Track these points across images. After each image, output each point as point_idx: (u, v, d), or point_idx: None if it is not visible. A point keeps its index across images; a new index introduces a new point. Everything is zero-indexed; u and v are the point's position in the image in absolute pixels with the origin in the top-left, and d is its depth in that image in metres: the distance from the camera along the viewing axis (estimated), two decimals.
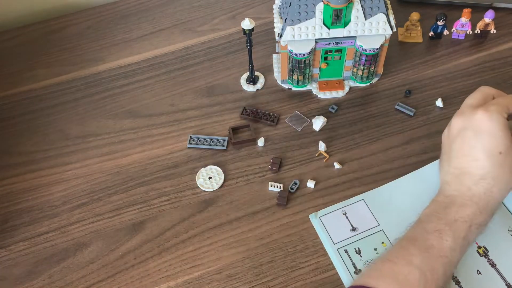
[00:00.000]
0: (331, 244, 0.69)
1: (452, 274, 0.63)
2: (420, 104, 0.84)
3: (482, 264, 0.66)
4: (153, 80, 0.90)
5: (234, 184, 0.77)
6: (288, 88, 0.87)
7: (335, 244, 0.69)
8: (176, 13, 1.00)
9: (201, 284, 0.68)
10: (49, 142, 0.83)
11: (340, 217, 0.72)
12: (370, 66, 0.83)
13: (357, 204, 0.73)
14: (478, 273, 0.66)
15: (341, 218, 0.71)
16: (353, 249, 0.69)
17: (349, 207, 0.72)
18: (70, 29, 0.99)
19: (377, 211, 0.72)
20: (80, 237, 0.73)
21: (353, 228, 0.70)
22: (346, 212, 0.72)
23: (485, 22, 0.89)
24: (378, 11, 0.76)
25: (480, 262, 0.66)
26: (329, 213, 0.72)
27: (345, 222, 0.71)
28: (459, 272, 0.66)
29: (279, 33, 0.78)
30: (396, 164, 0.77)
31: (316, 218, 0.72)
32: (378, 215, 0.71)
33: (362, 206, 0.72)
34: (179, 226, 0.73)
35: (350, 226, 0.71)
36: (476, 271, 0.66)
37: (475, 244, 0.67)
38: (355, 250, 0.69)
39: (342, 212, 0.72)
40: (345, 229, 0.70)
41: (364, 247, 0.69)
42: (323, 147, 0.79)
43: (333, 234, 0.70)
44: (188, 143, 0.80)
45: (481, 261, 0.66)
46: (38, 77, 0.91)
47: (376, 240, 0.69)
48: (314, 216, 0.72)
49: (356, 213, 0.72)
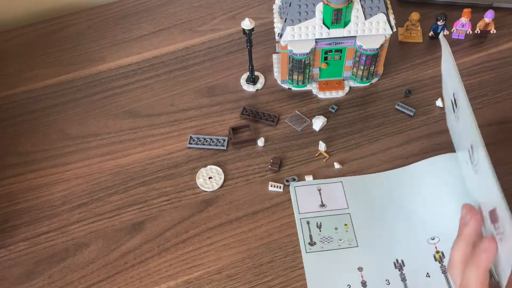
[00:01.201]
0: (297, 213, 0.73)
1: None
2: (420, 104, 0.84)
3: (434, 268, 0.67)
4: (153, 80, 0.90)
5: (234, 184, 0.77)
6: (288, 88, 0.87)
7: (300, 213, 0.73)
8: (176, 13, 1.00)
9: (201, 284, 0.68)
10: (49, 142, 0.83)
11: (313, 191, 0.75)
12: (370, 66, 0.83)
13: (334, 185, 0.75)
14: (427, 275, 0.67)
15: (314, 193, 0.75)
16: (315, 223, 0.72)
17: (326, 185, 0.75)
18: (70, 29, 0.99)
19: (351, 195, 0.74)
20: (80, 237, 0.73)
21: (322, 204, 0.73)
22: (321, 189, 0.75)
23: (485, 22, 0.89)
24: (378, 11, 0.76)
25: (433, 266, 0.68)
26: (304, 186, 0.75)
27: (316, 197, 0.74)
28: (409, 270, 0.67)
29: (279, 33, 0.78)
30: (396, 164, 0.77)
31: (293, 187, 0.75)
32: (350, 199, 0.74)
33: (338, 188, 0.75)
34: (179, 226, 0.73)
35: (320, 201, 0.74)
36: (426, 273, 0.67)
37: (434, 248, 0.69)
38: (317, 224, 0.72)
39: (317, 188, 0.75)
40: (315, 203, 0.74)
41: (326, 224, 0.72)
42: (323, 147, 0.79)
43: (302, 204, 0.74)
44: (188, 143, 0.80)
45: (434, 265, 0.68)
46: (38, 77, 0.91)
47: (340, 221, 0.72)
48: (291, 185, 0.75)
49: (330, 192, 0.74)
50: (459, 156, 0.68)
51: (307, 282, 0.67)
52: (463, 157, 0.65)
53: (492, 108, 0.83)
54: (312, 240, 0.70)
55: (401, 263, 0.68)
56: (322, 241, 0.70)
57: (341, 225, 0.72)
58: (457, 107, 0.64)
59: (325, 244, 0.70)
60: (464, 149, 0.63)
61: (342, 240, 0.70)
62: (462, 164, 0.66)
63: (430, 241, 0.69)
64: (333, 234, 0.71)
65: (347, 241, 0.70)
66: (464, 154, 0.64)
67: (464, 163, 0.65)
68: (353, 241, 0.70)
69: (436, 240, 0.69)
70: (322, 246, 0.70)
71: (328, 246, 0.70)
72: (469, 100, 0.84)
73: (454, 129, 0.70)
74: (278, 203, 0.75)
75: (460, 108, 0.63)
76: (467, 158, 0.62)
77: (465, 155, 0.63)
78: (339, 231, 0.71)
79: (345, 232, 0.71)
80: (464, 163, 0.65)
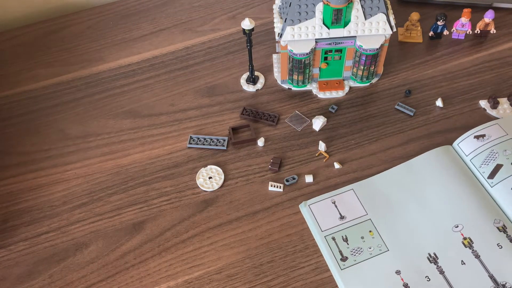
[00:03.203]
0: (319, 231, 0.71)
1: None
2: (420, 104, 0.84)
3: (466, 255, 0.67)
4: (153, 80, 0.90)
5: (234, 184, 0.77)
6: (288, 88, 0.87)
7: (322, 231, 0.71)
8: (176, 13, 1.00)
9: (201, 284, 0.68)
10: (49, 142, 0.83)
11: (329, 205, 0.73)
12: (370, 66, 0.83)
13: (346, 194, 0.74)
14: (462, 263, 0.67)
15: (330, 206, 0.73)
16: (340, 237, 0.70)
17: (338, 196, 0.74)
18: (70, 29, 0.99)
19: (366, 200, 0.73)
20: (80, 237, 0.73)
21: (341, 217, 0.72)
22: (335, 201, 0.73)
23: (485, 22, 0.89)
24: (378, 11, 0.76)
25: (464, 253, 0.67)
26: (318, 202, 0.74)
27: (333, 210, 0.73)
28: (443, 261, 0.67)
29: (279, 33, 0.78)
30: (396, 164, 0.77)
31: (305, 206, 0.73)
32: (366, 204, 0.73)
33: (351, 196, 0.74)
34: (179, 226, 0.73)
35: (338, 214, 0.72)
36: (461, 261, 0.67)
37: (460, 235, 0.69)
38: (342, 237, 0.70)
39: (331, 201, 0.73)
40: (334, 217, 0.72)
41: (351, 235, 0.70)
42: (323, 147, 0.79)
43: (321, 221, 0.72)
44: (188, 143, 0.80)
45: (466, 252, 0.67)
46: (38, 77, 0.92)
47: (363, 229, 0.71)
48: (303, 205, 0.73)
49: (345, 202, 0.73)
50: None
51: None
52: None
53: None
54: (343, 256, 0.68)
55: (434, 257, 0.67)
56: (353, 254, 0.68)
57: (366, 232, 0.70)
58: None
59: (357, 256, 0.68)
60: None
61: (372, 248, 0.69)
62: None
63: (455, 229, 0.69)
64: (361, 244, 0.69)
65: (376, 247, 0.69)
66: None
67: None
68: (383, 246, 0.69)
69: (460, 227, 0.69)
70: (354, 259, 0.68)
71: (360, 258, 0.68)
72: (469, 100, 0.85)
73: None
74: (278, 203, 0.75)
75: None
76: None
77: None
78: (366, 239, 0.70)
79: (372, 239, 0.70)
80: None
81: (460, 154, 0.76)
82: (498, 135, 0.76)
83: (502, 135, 0.76)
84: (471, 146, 0.76)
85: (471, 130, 0.77)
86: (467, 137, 0.76)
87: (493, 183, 0.72)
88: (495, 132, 0.76)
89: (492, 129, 0.77)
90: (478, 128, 0.77)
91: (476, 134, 0.76)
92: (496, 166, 0.73)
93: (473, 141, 0.76)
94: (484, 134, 0.76)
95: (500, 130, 0.76)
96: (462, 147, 0.76)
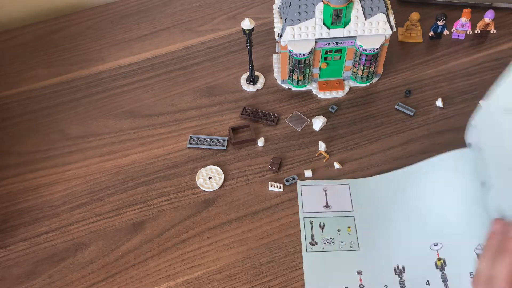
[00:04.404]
0: (301, 212, 0.73)
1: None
2: (420, 104, 0.84)
3: (434, 276, 0.66)
4: (153, 80, 0.90)
5: (234, 184, 0.77)
6: (288, 88, 0.87)
7: (304, 212, 0.73)
8: (176, 13, 1.00)
9: (201, 284, 0.68)
10: (49, 142, 0.83)
11: (319, 192, 0.75)
12: (370, 66, 0.83)
13: (340, 187, 0.75)
14: (427, 283, 0.66)
15: (320, 193, 0.74)
16: (318, 223, 0.72)
17: (332, 186, 0.75)
18: (70, 29, 0.99)
19: (357, 198, 0.74)
20: (80, 237, 0.73)
21: (327, 205, 0.73)
22: (327, 189, 0.75)
23: (485, 22, 0.89)
24: (378, 11, 0.76)
25: (433, 274, 0.66)
26: (311, 185, 0.75)
27: (322, 198, 0.74)
28: (409, 277, 0.66)
29: (279, 33, 0.78)
30: (396, 164, 0.77)
31: (299, 185, 0.75)
32: (356, 202, 0.73)
33: (344, 190, 0.75)
34: (179, 226, 0.73)
35: (325, 202, 0.73)
36: (426, 281, 0.66)
37: (436, 254, 0.68)
38: (320, 224, 0.71)
39: (324, 188, 0.75)
40: (320, 203, 0.74)
41: (328, 225, 0.71)
42: (323, 147, 0.79)
43: (306, 203, 0.73)
44: (188, 143, 0.80)
45: (434, 273, 0.67)
46: (38, 77, 0.91)
47: (343, 223, 0.72)
48: (299, 182, 0.76)
49: (336, 193, 0.74)
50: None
51: (305, 281, 0.67)
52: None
53: None
54: (313, 240, 0.70)
55: (401, 269, 0.67)
56: (324, 242, 0.70)
57: (344, 227, 0.71)
58: None
59: (326, 245, 0.70)
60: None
61: (344, 242, 0.70)
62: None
63: (433, 247, 0.68)
64: (335, 235, 0.71)
65: (348, 243, 0.70)
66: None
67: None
68: (355, 244, 0.70)
69: (439, 246, 0.68)
70: (323, 247, 0.70)
71: (329, 247, 0.69)
72: (469, 100, 0.85)
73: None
74: (278, 203, 0.75)
75: None
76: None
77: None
78: (342, 233, 0.71)
79: (348, 234, 0.71)
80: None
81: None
82: None
83: None
84: None
85: None
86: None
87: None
88: None
89: None
90: None
91: None
92: None
93: None
94: None
95: None
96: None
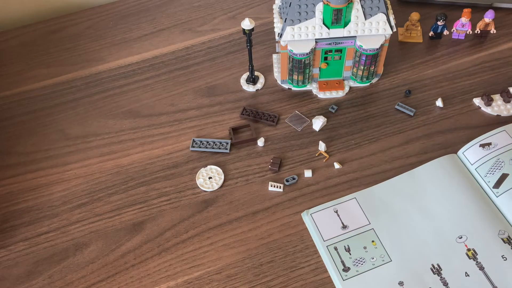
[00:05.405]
0: (321, 241, 0.70)
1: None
2: (420, 104, 0.84)
3: (470, 266, 0.67)
4: (153, 80, 0.90)
5: (234, 184, 0.77)
6: (288, 88, 0.87)
7: (325, 241, 0.70)
8: (176, 13, 1.00)
9: (201, 284, 0.68)
10: (49, 142, 0.83)
11: (331, 214, 0.72)
12: (370, 66, 0.83)
13: (348, 203, 0.73)
14: (466, 275, 0.66)
15: (332, 216, 0.72)
16: (342, 247, 0.69)
17: (341, 205, 0.73)
18: (70, 29, 0.99)
19: (369, 210, 0.72)
20: (80, 237, 0.73)
21: (343, 226, 0.71)
22: (338, 210, 0.73)
23: (485, 22, 0.89)
24: (378, 11, 0.76)
25: (468, 265, 0.67)
26: (320, 211, 0.73)
27: (336, 220, 0.72)
28: (447, 273, 0.66)
29: (279, 33, 0.78)
30: (396, 164, 0.77)
31: (307, 215, 0.72)
32: (369, 213, 0.72)
33: (353, 205, 0.73)
34: (179, 226, 0.73)
35: (341, 223, 0.71)
36: (464, 273, 0.66)
37: (464, 246, 0.68)
38: (345, 247, 0.69)
39: (334, 210, 0.73)
40: (336, 226, 0.71)
41: (353, 245, 0.69)
42: (323, 147, 0.79)
43: (324, 231, 0.71)
44: (191, 147, 0.80)
45: (469, 264, 0.67)
46: (38, 77, 0.91)
47: (366, 239, 0.70)
48: (305, 213, 0.73)
49: (347, 211, 0.72)
50: None
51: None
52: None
53: None
54: (345, 266, 0.68)
55: (438, 268, 0.67)
56: (355, 264, 0.68)
57: (369, 242, 0.69)
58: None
59: (359, 266, 0.67)
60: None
61: (374, 258, 0.68)
62: None
63: (458, 240, 0.68)
64: (363, 254, 0.68)
65: (379, 258, 0.68)
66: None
67: None
68: (385, 256, 0.68)
69: (464, 238, 0.68)
70: (357, 270, 0.67)
71: (363, 268, 0.67)
72: (469, 100, 0.85)
73: None
74: (278, 203, 0.75)
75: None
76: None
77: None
78: (369, 249, 0.69)
79: (375, 249, 0.69)
80: None
81: (465, 163, 0.75)
82: (505, 142, 0.75)
83: (509, 142, 0.75)
84: (476, 155, 0.75)
85: (477, 139, 0.76)
86: (473, 146, 0.76)
87: (499, 193, 0.71)
88: (502, 140, 0.75)
89: (500, 136, 0.76)
90: (484, 136, 0.76)
91: (482, 143, 0.75)
92: (502, 175, 0.72)
93: (478, 149, 0.75)
94: (490, 143, 0.75)
95: (507, 137, 0.75)
96: (468, 156, 0.75)
